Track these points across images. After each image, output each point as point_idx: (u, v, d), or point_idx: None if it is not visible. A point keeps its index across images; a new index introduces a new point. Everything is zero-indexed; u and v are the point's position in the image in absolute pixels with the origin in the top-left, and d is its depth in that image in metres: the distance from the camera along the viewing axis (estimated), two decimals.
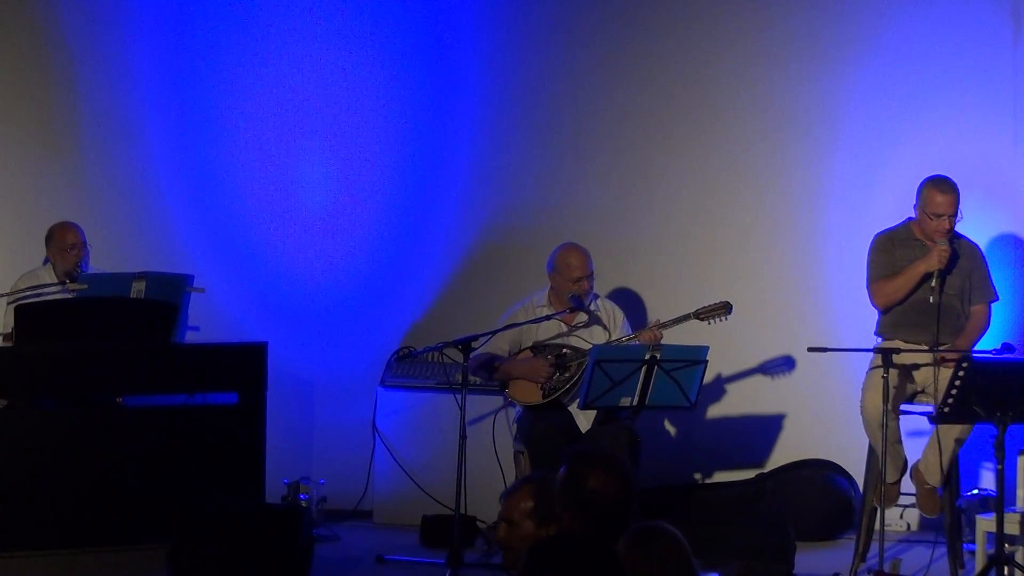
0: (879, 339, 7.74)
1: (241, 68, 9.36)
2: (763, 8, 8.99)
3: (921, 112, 8.73)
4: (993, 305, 7.83)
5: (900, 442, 7.57)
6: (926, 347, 7.54)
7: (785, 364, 8.91)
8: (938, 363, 7.43)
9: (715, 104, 9.05)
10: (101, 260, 8.70)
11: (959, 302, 7.69)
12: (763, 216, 9.01)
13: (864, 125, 8.84)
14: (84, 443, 7.35)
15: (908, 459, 7.70)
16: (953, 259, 7.60)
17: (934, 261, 7.53)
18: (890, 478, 7.47)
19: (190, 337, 8.50)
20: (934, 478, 7.52)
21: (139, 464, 7.37)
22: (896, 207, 7.90)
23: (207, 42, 9.33)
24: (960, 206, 7.59)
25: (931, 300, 7.51)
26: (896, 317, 7.71)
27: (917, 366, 7.53)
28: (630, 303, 8.88)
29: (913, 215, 7.71)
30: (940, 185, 7.61)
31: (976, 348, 7.68)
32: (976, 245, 7.83)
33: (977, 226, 8.18)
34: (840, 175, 8.88)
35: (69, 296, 8.28)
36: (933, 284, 7.52)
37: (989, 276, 7.80)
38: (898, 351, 7.42)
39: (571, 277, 7.99)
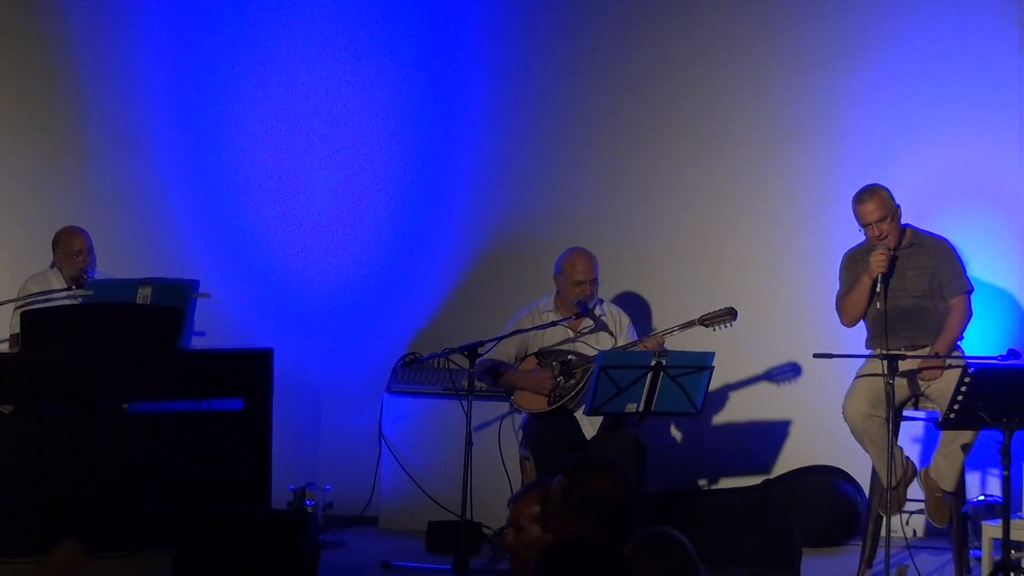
0: (870, 352, 7.75)
1: (247, 75, 9.38)
2: (771, 18, 8.99)
3: (927, 121, 8.73)
4: (973, 296, 7.78)
5: (898, 446, 7.56)
6: (922, 352, 7.56)
7: (791, 370, 8.91)
8: (893, 371, 7.45)
9: (723, 112, 9.05)
10: (107, 266, 8.71)
11: (928, 301, 7.67)
12: (770, 224, 9.02)
13: (870, 134, 8.84)
14: (90, 449, 7.36)
15: (916, 465, 7.70)
16: (898, 261, 7.59)
17: (873, 268, 7.56)
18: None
19: (196, 343, 8.50)
20: (946, 483, 7.52)
21: (145, 470, 7.37)
22: (903, 215, 7.89)
23: (213, 49, 9.35)
24: (894, 206, 7.61)
25: (877, 306, 7.52)
26: (872, 330, 7.74)
27: (915, 371, 7.53)
28: (637, 309, 8.89)
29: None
30: (860, 197, 7.69)
31: (982, 356, 7.68)
32: (942, 239, 7.81)
33: (983, 234, 8.19)
34: (846, 183, 8.84)
35: (75, 302, 8.28)
36: (877, 290, 7.54)
37: (961, 267, 7.76)
38: (903, 356, 7.41)
39: (574, 279, 8.00)
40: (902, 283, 7.63)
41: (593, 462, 4.78)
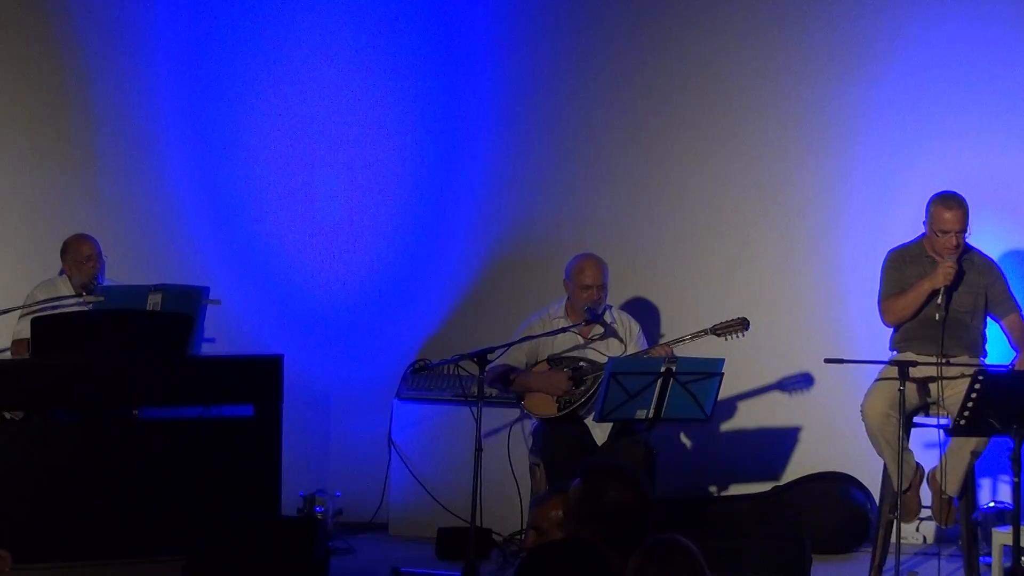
0: (893, 353, 7.76)
1: (257, 82, 9.38)
2: (783, 27, 8.98)
3: (938, 128, 8.73)
4: None
5: (909, 450, 7.57)
6: (941, 360, 7.55)
7: (801, 377, 8.91)
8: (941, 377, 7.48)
9: (733, 120, 9.05)
10: (118, 273, 8.72)
11: (970, 317, 7.69)
12: (781, 230, 9.01)
13: (882, 141, 8.84)
14: (100, 455, 7.37)
15: (924, 468, 7.70)
16: (959, 276, 7.60)
17: (939, 279, 7.54)
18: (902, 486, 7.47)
19: (206, 349, 8.52)
20: (950, 487, 7.52)
21: (155, 476, 7.39)
22: (913, 222, 7.90)
23: (223, 56, 9.35)
24: (969, 221, 7.60)
25: (936, 317, 7.52)
26: (907, 332, 7.73)
27: (933, 379, 7.53)
28: (648, 316, 8.89)
29: (925, 231, 7.73)
30: (947, 201, 7.62)
31: (991, 362, 7.69)
32: (991, 260, 7.83)
33: (994, 241, 8.18)
34: (858, 190, 8.88)
35: (86, 308, 8.30)
36: (939, 301, 7.53)
37: (1009, 289, 7.80)
38: (915, 363, 7.42)
39: (581, 283, 8.00)
40: (948, 296, 7.62)
41: (612, 471, 4.78)
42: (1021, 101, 8.64)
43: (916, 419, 7.68)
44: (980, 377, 6.73)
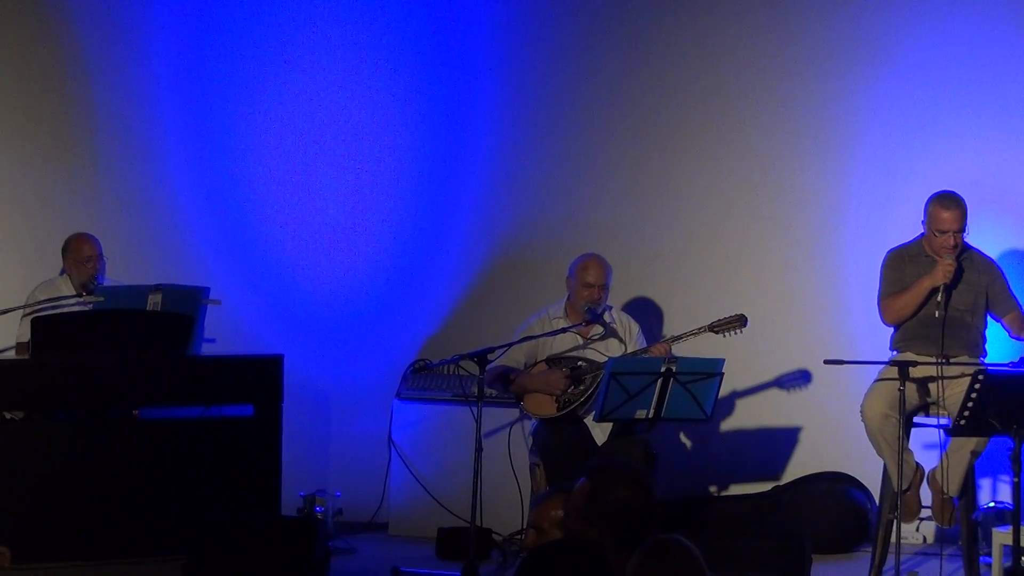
0: (893, 353, 7.77)
1: (257, 82, 9.39)
2: (783, 27, 8.99)
3: (938, 128, 8.73)
4: None
5: (909, 450, 7.57)
6: (940, 360, 7.55)
7: (801, 377, 8.91)
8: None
9: (734, 119, 9.05)
10: (118, 272, 8.72)
11: (970, 316, 7.70)
12: (781, 230, 9.01)
13: (882, 141, 8.84)
14: (100, 455, 7.37)
15: (924, 468, 7.70)
16: (959, 274, 7.61)
17: (939, 276, 7.55)
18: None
19: (206, 349, 8.51)
20: (951, 487, 7.52)
21: (155, 476, 7.38)
22: (913, 222, 7.90)
23: (223, 56, 9.36)
24: (967, 221, 7.61)
25: (936, 315, 7.52)
26: (907, 331, 7.74)
27: (933, 378, 7.53)
28: (649, 315, 8.89)
29: (924, 231, 7.74)
30: (944, 201, 7.63)
31: (992, 361, 7.69)
32: (990, 259, 7.83)
33: (993, 240, 8.18)
34: (858, 190, 8.88)
35: (86, 308, 8.30)
36: (939, 299, 7.53)
37: (1009, 287, 7.81)
38: (914, 363, 7.42)
39: (584, 281, 8.00)
40: (948, 295, 7.62)
41: (619, 471, 4.77)
42: (1021, 101, 8.65)
43: (916, 419, 7.69)
44: (980, 377, 6.74)
